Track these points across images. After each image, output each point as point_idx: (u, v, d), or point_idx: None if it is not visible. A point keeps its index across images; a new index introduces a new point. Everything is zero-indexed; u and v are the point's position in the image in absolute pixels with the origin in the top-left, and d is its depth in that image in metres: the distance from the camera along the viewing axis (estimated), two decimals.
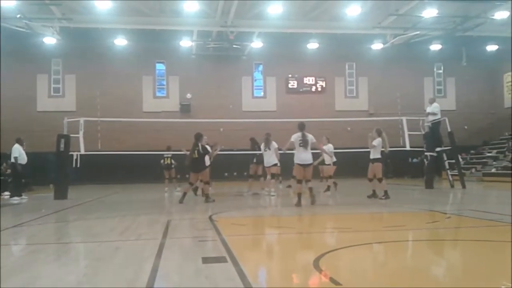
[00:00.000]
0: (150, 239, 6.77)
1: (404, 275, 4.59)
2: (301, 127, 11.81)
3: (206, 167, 13.44)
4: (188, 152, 13.40)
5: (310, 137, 11.66)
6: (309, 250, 6.13)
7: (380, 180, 13.14)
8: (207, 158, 13.63)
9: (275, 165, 14.80)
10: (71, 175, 17.45)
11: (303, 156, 11.53)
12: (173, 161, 18.47)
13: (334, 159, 15.92)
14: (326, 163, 15.79)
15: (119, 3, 23.36)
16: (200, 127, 26.14)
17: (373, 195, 13.29)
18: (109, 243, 6.60)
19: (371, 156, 13.26)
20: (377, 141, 13.09)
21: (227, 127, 26.90)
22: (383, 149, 13.14)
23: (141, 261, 5.21)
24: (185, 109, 29.76)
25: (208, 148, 13.64)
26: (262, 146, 14.92)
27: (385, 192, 12.96)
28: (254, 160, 16.20)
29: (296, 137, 11.62)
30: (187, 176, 14.07)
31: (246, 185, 16.80)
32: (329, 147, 15.12)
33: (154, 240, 6.51)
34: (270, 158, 14.58)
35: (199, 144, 13.03)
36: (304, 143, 11.45)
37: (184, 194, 13.13)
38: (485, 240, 6.44)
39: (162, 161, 18.46)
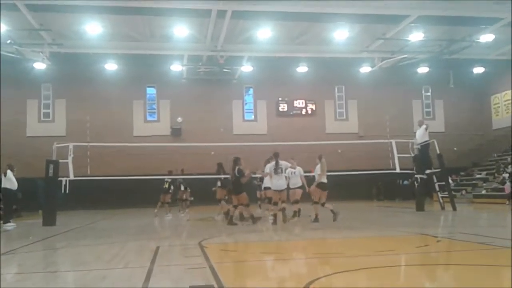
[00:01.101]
0: (137, 267, 6.68)
1: None
2: (276, 155, 13.27)
3: (243, 190, 13.51)
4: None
5: (284, 163, 13.12)
6: (299, 277, 6.07)
7: (321, 204, 13.30)
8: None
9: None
10: (60, 201, 17.26)
11: (278, 183, 13.11)
12: (171, 186, 18.55)
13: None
14: (292, 186, 14.04)
15: (109, 29, 23.50)
16: (191, 151, 26.29)
17: (316, 219, 13.14)
18: (97, 271, 6.50)
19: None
20: (317, 167, 13.35)
21: (218, 150, 26.84)
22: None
23: None
24: (176, 133, 29.77)
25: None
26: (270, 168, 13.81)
27: (316, 215, 13.12)
28: (219, 184, 16.25)
29: (271, 166, 13.21)
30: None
31: (218, 209, 16.64)
32: (299, 170, 14.44)
33: (141, 268, 6.42)
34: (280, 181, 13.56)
35: (236, 168, 13.43)
36: (279, 170, 13.02)
37: (227, 213, 14.07)
38: (476, 265, 6.42)
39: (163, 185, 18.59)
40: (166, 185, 18.42)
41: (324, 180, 13.31)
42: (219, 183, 16.26)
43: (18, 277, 6.40)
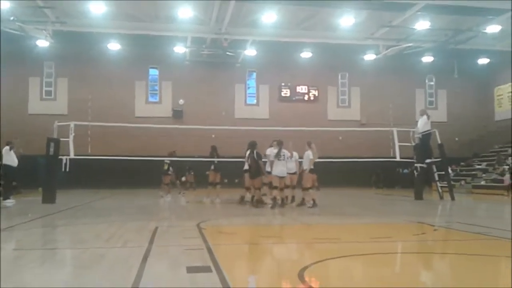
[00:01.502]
0: (135, 247, 6.72)
1: (388, 286, 4.59)
2: (280, 143, 13.64)
3: (260, 173, 13.79)
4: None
5: (286, 152, 13.61)
6: (295, 261, 6.12)
7: (307, 189, 13.75)
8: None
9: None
10: (60, 179, 17.32)
11: (281, 169, 13.47)
12: (170, 168, 18.61)
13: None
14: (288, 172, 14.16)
15: (114, 8, 23.35)
16: (191, 133, 26.31)
17: (302, 203, 13.76)
18: (94, 249, 6.55)
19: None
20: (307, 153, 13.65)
21: (219, 133, 26.88)
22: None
23: (125, 269, 5.17)
24: (177, 115, 29.76)
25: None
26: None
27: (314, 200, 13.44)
28: (212, 167, 16.27)
29: (273, 152, 13.66)
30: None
31: (207, 193, 16.73)
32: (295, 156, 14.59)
33: (139, 247, 6.46)
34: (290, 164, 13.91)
35: (254, 152, 13.69)
36: (281, 157, 13.45)
37: (242, 197, 14.38)
38: (471, 254, 6.45)
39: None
40: (166, 167, 18.48)
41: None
42: (212, 167, 16.31)
43: (16, 253, 6.46)
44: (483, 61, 30.87)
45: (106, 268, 5.33)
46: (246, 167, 14.48)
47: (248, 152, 14.05)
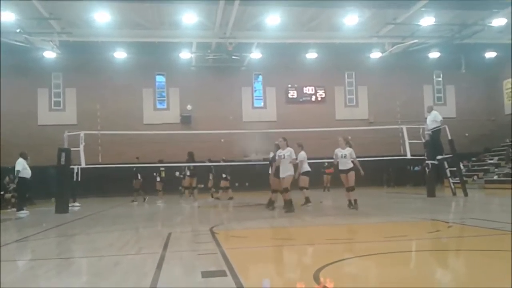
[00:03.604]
0: (150, 253, 6.73)
1: (404, 286, 4.56)
2: (300, 145, 14.31)
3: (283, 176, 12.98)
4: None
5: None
6: (310, 262, 6.09)
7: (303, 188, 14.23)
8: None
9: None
10: (73, 189, 17.43)
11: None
12: (163, 174, 19.45)
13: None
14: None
15: (118, 17, 23.49)
16: (200, 139, 26.33)
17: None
18: (109, 257, 6.57)
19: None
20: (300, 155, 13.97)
21: (227, 138, 26.93)
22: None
23: (140, 276, 5.18)
24: (185, 120, 29.83)
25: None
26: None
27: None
28: (188, 173, 16.99)
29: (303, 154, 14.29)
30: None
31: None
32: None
33: (154, 254, 6.47)
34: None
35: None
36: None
37: (271, 202, 13.87)
38: (487, 250, 6.39)
39: (177, 173, 19.51)
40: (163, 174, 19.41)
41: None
42: (188, 172, 16.98)
43: (32, 263, 6.49)
44: (490, 54, 30.66)
45: (121, 275, 5.34)
46: (271, 170, 13.86)
47: (272, 155, 14.09)
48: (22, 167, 15.20)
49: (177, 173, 20.19)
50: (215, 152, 23.24)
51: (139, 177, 20.56)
